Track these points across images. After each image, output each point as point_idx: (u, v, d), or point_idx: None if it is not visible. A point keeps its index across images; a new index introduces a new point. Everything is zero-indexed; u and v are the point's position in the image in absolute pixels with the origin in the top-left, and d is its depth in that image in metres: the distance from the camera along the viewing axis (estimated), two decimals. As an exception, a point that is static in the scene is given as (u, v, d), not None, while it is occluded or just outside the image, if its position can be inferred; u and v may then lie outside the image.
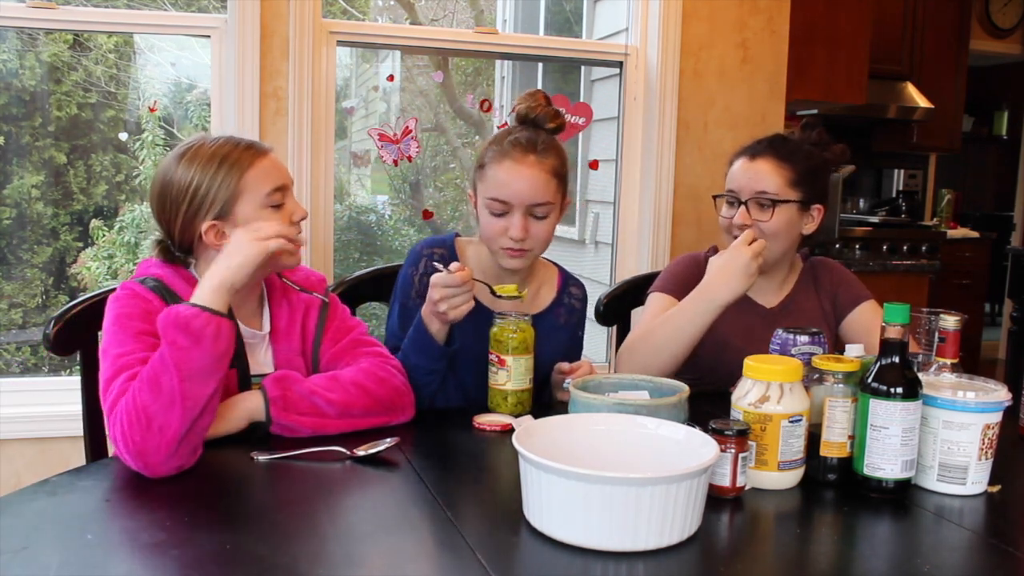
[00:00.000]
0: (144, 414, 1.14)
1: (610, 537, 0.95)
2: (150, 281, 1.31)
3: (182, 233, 1.35)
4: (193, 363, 1.15)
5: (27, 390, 2.44)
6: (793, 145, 1.78)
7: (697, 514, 1.00)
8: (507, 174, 1.55)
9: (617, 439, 1.13)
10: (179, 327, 1.16)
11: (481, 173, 1.60)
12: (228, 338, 1.20)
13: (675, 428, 1.13)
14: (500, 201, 1.56)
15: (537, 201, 1.56)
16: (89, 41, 3.51)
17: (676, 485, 0.95)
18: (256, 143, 1.39)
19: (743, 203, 1.74)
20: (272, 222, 1.32)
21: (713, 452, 1.03)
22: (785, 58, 2.93)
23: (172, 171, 1.34)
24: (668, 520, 0.96)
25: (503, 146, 1.58)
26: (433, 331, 1.51)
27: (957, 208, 5.72)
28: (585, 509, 0.95)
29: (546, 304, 1.72)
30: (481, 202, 1.60)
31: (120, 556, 0.97)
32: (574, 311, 1.75)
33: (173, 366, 1.15)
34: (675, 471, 0.95)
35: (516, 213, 1.56)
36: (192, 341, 1.16)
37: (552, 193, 1.57)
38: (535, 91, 1.64)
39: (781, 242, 1.75)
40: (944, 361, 1.30)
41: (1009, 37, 5.61)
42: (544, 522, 0.99)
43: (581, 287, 1.79)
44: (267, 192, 1.34)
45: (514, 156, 1.56)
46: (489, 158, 1.59)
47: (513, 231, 1.56)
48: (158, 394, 1.14)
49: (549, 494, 0.97)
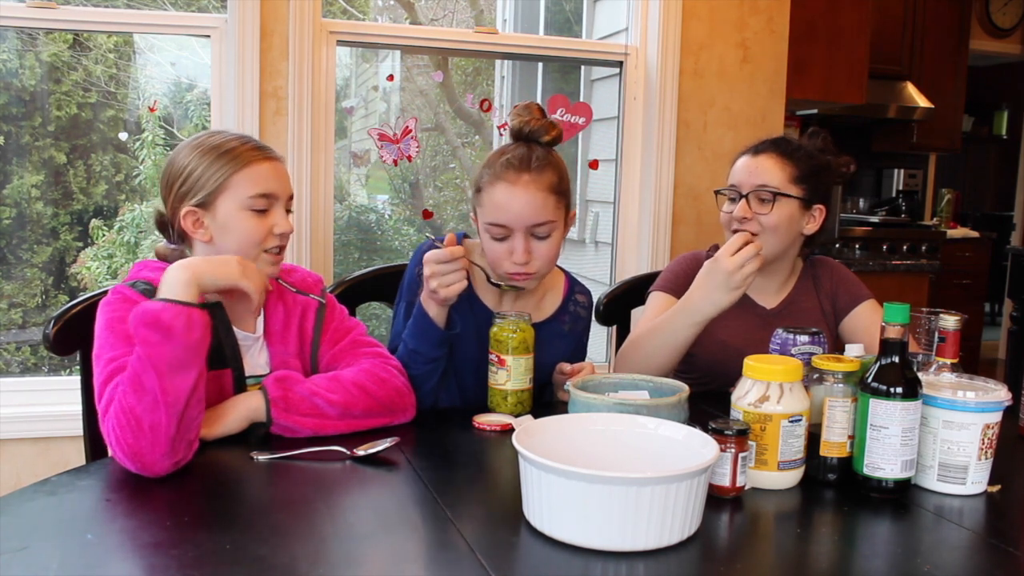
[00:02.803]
0: (132, 416, 1.13)
1: (610, 537, 0.95)
2: (140, 284, 1.31)
3: (172, 213, 1.38)
4: (166, 357, 1.14)
5: (27, 390, 2.44)
6: (795, 145, 1.78)
7: (697, 514, 1.01)
8: (503, 197, 1.50)
9: (617, 439, 1.14)
10: (148, 323, 1.14)
11: (479, 198, 1.56)
12: (201, 327, 1.18)
13: (675, 428, 1.13)
14: (499, 226, 1.52)
15: (537, 221, 1.51)
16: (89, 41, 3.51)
17: (676, 485, 0.95)
18: (267, 147, 1.39)
19: (744, 196, 1.74)
20: (259, 277, 1.31)
21: (713, 452, 1.04)
22: (785, 58, 2.93)
23: (180, 152, 1.38)
24: (668, 520, 0.96)
25: (496, 168, 1.53)
26: (432, 315, 1.50)
27: (957, 208, 5.72)
28: (584, 509, 0.95)
29: (551, 311, 1.69)
30: (482, 227, 1.56)
31: (120, 556, 0.97)
32: (579, 319, 1.72)
33: (149, 364, 1.14)
34: (674, 471, 0.96)
35: (517, 236, 1.52)
36: (163, 335, 1.14)
37: (552, 211, 1.53)
38: (528, 104, 1.59)
39: (781, 237, 1.74)
40: (944, 361, 1.30)
41: (1009, 37, 5.61)
42: (544, 522, 0.99)
43: (588, 295, 1.76)
44: (252, 194, 1.34)
45: (508, 178, 1.51)
46: (484, 182, 1.54)
47: (516, 256, 1.52)
48: (142, 394, 1.14)
49: (549, 493, 0.97)
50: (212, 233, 1.35)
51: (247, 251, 1.35)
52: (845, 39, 3.85)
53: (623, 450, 1.12)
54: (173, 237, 1.40)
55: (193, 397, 1.17)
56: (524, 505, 1.03)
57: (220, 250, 1.35)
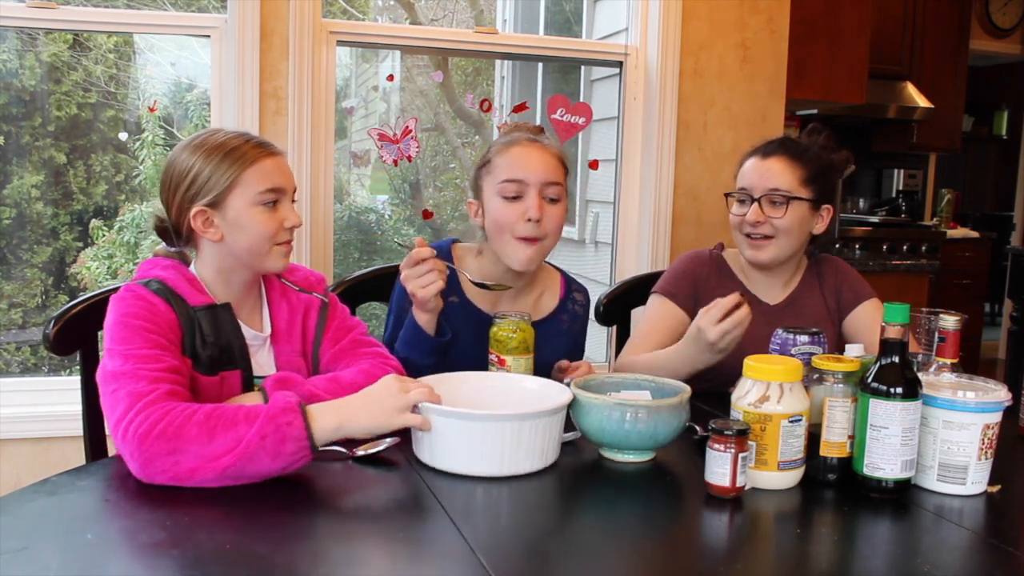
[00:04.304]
0: (175, 440, 1.10)
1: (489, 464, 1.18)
2: (154, 283, 1.31)
3: (177, 216, 1.36)
4: (258, 465, 1.12)
5: (27, 390, 2.44)
6: (803, 146, 1.79)
7: (554, 447, 1.24)
8: (520, 156, 1.58)
9: (490, 392, 1.36)
10: (279, 434, 1.12)
11: (488, 167, 1.62)
12: (294, 467, 1.15)
13: (535, 380, 1.39)
14: (515, 181, 1.56)
15: (550, 179, 1.57)
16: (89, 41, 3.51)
17: (532, 422, 1.19)
18: (268, 143, 1.40)
19: (756, 200, 1.74)
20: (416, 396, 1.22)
21: (566, 397, 1.25)
22: (785, 58, 2.93)
23: (179, 155, 1.36)
24: (531, 449, 1.19)
25: (510, 138, 1.62)
26: (422, 323, 1.51)
27: (957, 208, 5.72)
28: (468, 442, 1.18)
29: (549, 310, 1.71)
30: (491, 194, 1.60)
31: (120, 556, 0.97)
32: (577, 317, 1.74)
33: (240, 448, 1.11)
34: (531, 409, 1.21)
35: (531, 193, 1.56)
36: (273, 456, 1.12)
37: (561, 175, 1.60)
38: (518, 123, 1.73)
39: (794, 240, 1.76)
40: (944, 361, 1.30)
41: (1009, 37, 5.61)
42: (432, 456, 1.20)
43: (584, 292, 1.79)
44: (261, 190, 1.34)
45: (522, 143, 1.60)
46: (495, 152, 1.61)
47: (531, 211, 1.54)
48: (206, 443, 1.11)
49: (438, 433, 1.19)
50: (223, 231, 1.34)
51: (259, 246, 1.35)
52: (845, 39, 3.85)
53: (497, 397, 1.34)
54: (178, 240, 1.39)
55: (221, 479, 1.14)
56: (414, 446, 1.24)
57: (231, 247, 1.35)
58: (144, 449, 1.11)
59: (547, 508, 1.16)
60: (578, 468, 1.27)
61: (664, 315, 1.80)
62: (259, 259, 1.37)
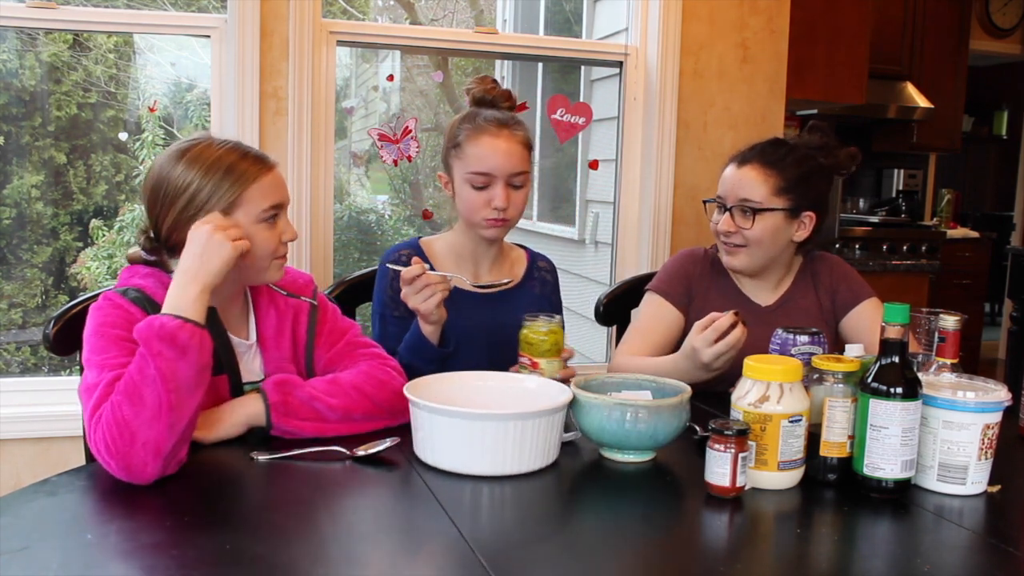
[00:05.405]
0: (127, 429, 1.11)
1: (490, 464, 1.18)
2: (131, 292, 1.29)
3: (170, 231, 1.32)
4: (181, 376, 1.14)
5: (27, 390, 2.43)
6: (785, 151, 1.76)
7: (554, 447, 1.25)
8: (487, 148, 1.65)
9: (490, 390, 1.37)
10: (164, 339, 1.14)
11: (458, 151, 1.68)
12: (210, 349, 1.20)
13: (534, 379, 1.40)
14: (483, 174, 1.65)
15: (516, 171, 1.66)
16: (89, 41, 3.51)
17: (533, 421, 1.19)
18: (263, 155, 1.37)
19: (728, 209, 1.75)
20: (224, 221, 1.29)
21: (566, 396, 1.26)
22: (785, 58, 2.93)
23: (171, 168, 1.32)
24: (529, 448, 1.20)
25: (477, 123, 1.67)
26: (426, 333, 1.56)
27: (957, 208, 5.72)
28: (468, 441, 1.18)
29: (518, 279, 1.82)
30: (460, 179, 1.68)
31: (120, 556, 0.97)
32: (546, 282, 1.86)
33: (160, 379, 1.13)
34: (531, 409, 1.22)
35: (498, 184, 1.65)
36: (179, 353, 1.14)
37: (526, 163, 1.69)
38: (483, 76, 1.76)
39: (766, 249, 1.76)
40: (944, 361, 1.30)
41: (1009, 37, 5.61)
42: (432, 455, 1.21)
43: (548, 260, 1.91)
44: (265, 208, 1.33)
45: (490, 131, 1.66)
46: (464, 137, 1.67)
47: (497, 201, 1.65)
48: (141, 407, 1.12)
49: (436, 432, 1.20)
50: None
51: (261, 262, 1.35)
52: (845, 39, 3.85)
53: (497, 396, 1.35)
54: (169, 255, 1.36)
55: (194, 416, 1.17)
56: (414, 446, 1.25)
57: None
58: (118, 457, 1.11)
59: (547, 508, 1.16)
60: (578, 468, 1.27)
61: (658, 313, 1.80)
62: (258, 273, 1.37)
